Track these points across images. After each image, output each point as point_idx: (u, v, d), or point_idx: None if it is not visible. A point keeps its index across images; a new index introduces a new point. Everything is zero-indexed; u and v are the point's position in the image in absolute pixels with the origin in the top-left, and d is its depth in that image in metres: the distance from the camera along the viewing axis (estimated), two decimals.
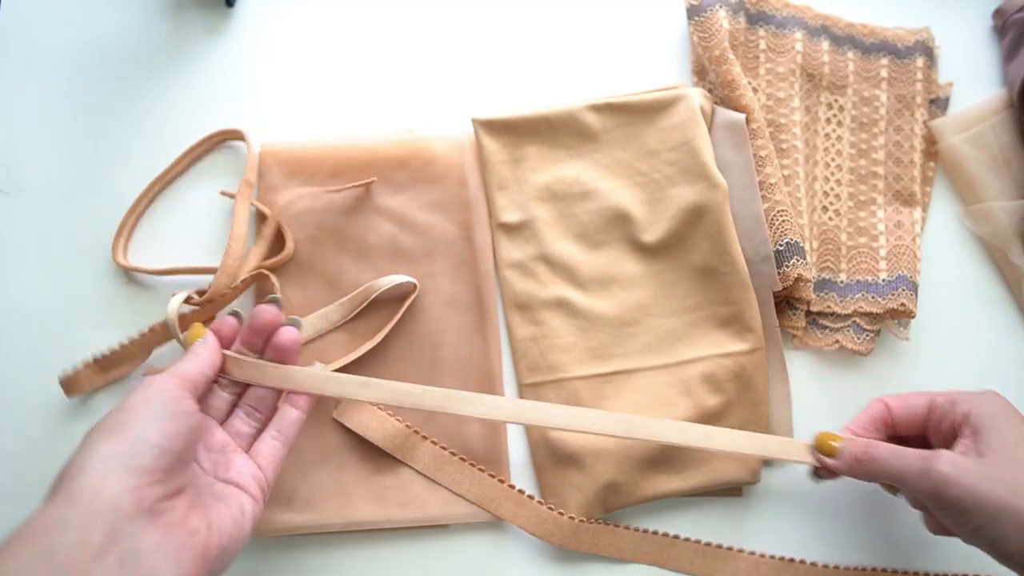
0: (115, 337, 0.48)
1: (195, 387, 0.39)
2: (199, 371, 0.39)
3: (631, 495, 0.46)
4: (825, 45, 0.55)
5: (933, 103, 0.56)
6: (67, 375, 0.47)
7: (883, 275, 0.51)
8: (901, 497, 0.46)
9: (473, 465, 0.47)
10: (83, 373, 0.48)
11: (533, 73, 0.55)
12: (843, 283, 0.51)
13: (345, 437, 0.48)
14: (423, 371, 0.49)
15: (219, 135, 0.53)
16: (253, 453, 0.41)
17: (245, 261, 0.49)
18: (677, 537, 0.47)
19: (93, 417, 0.48)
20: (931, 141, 0.55)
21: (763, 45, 0.54)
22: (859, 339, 0.50)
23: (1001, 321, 0.52)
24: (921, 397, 0.43)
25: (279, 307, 0.44)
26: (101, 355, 0.48)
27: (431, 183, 0.51)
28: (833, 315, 0.51)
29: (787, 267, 0.48)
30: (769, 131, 0.51)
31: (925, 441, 0.43)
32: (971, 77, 0.56)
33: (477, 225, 0.51)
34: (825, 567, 0.47)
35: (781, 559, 0.47)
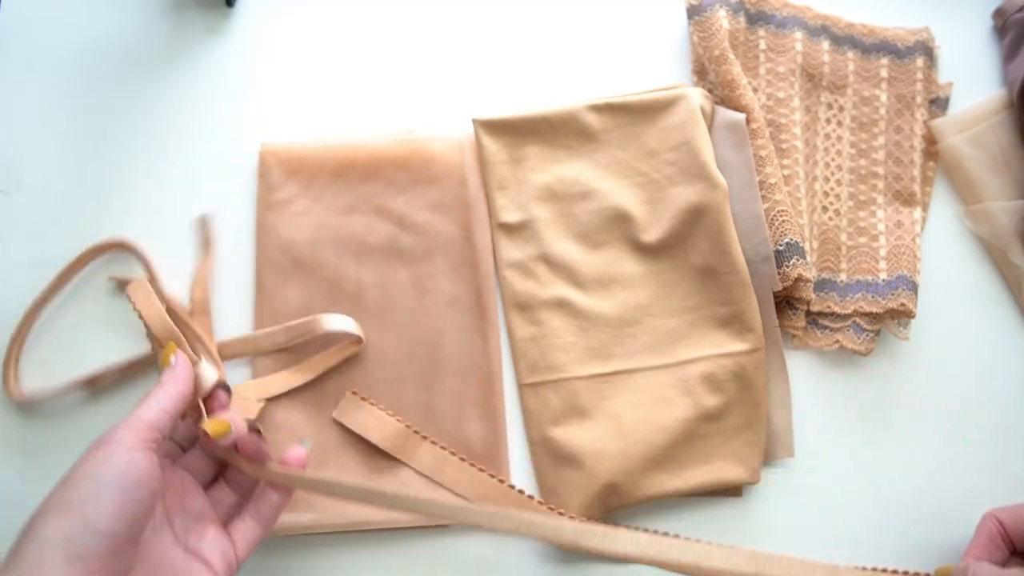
0: (115, 337, 0.48)
1: (161, 431, 0.36)
2: (159, 414, 0.37)
3: (631, 495, 0.46)
4: (825, 45, 0.55)
5: (933, 103, 0.56)
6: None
7: (883, 275, 0.51)
8: (900, 498, 0.46)
9: (473, 465, 0.47)
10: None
11: (533, 73, 0.55)
12: (843, 283, 0.51)
13: (345, 437, 0.48)
14: (423, 371, 0.49)
15: (101, 247, 0.49)
16: (230, 528, 0.39)
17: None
18: (677, 537, 0.47)
19: (84, 416, 0.48)
20: (931, 141, 0.55)
21: (763, 45, 0.54)
22: (859, 339, 0.50)
23: (1001, 321, 0.52)
24: None
25: (260, 435, 0.40)
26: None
27: (431, 183, 0.51)
28: (833, 315, 0.51)
29: (787, 267, 0.48)
30: (769, 131, 0.51)
31: None
32: (971, 77, 0.56)
33: (477, 225, 0.51)
34: (825, 567, 0.47)
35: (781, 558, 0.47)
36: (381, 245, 0.50)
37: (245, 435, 0.40)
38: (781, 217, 0.48)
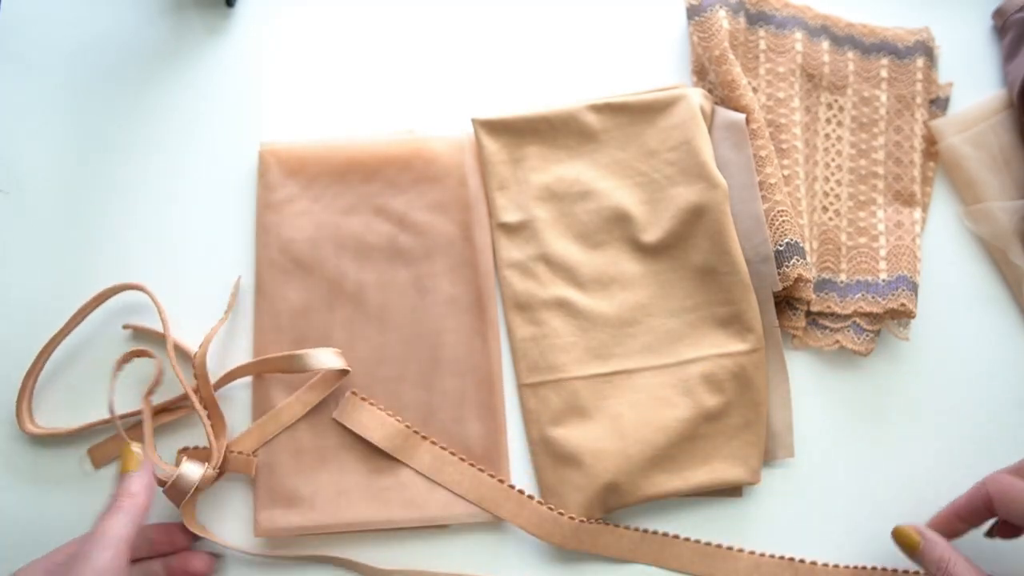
0: (113, 337, 0.48)
1: (129, 542, 0.39)
2: (131, 528, 0.39)
3: (631, 495, 0.46)
4: (825, 45, 0.55)
5: (933, 103, 0.56)
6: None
7: (883, 275, 0.51)
8: (900, 498, 0.46)
9: (473, 465, 0.47)
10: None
11: (533, 73, 0.55)
12: (843, 283, 0.51)
13: (345, 437, 0.48)
14: (423, 371, 0.49)
15: (113, 289, 0.49)
16: None
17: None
18: (677, 537, 0.47)
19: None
20: (931, 141, 0.55)
21: (763, 45, 0.54)
22: (859, 339, 0.50)
23: (1001, 321, 0.52)
24: None
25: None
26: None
27: (431, 183, 0.51)
28: (833, 315, 0.51)
29: (787, 267, 0.48)
30: (769, 131, 0.51)
31: None
32: (971, 77, 0.56)
33: (477, 225, 0.51)
34: (825, 567, 0.47)
35: (781, 559, 0.47)
36: (381, 245, 0.50)
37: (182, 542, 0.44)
38: (781, 217, 0.48)
